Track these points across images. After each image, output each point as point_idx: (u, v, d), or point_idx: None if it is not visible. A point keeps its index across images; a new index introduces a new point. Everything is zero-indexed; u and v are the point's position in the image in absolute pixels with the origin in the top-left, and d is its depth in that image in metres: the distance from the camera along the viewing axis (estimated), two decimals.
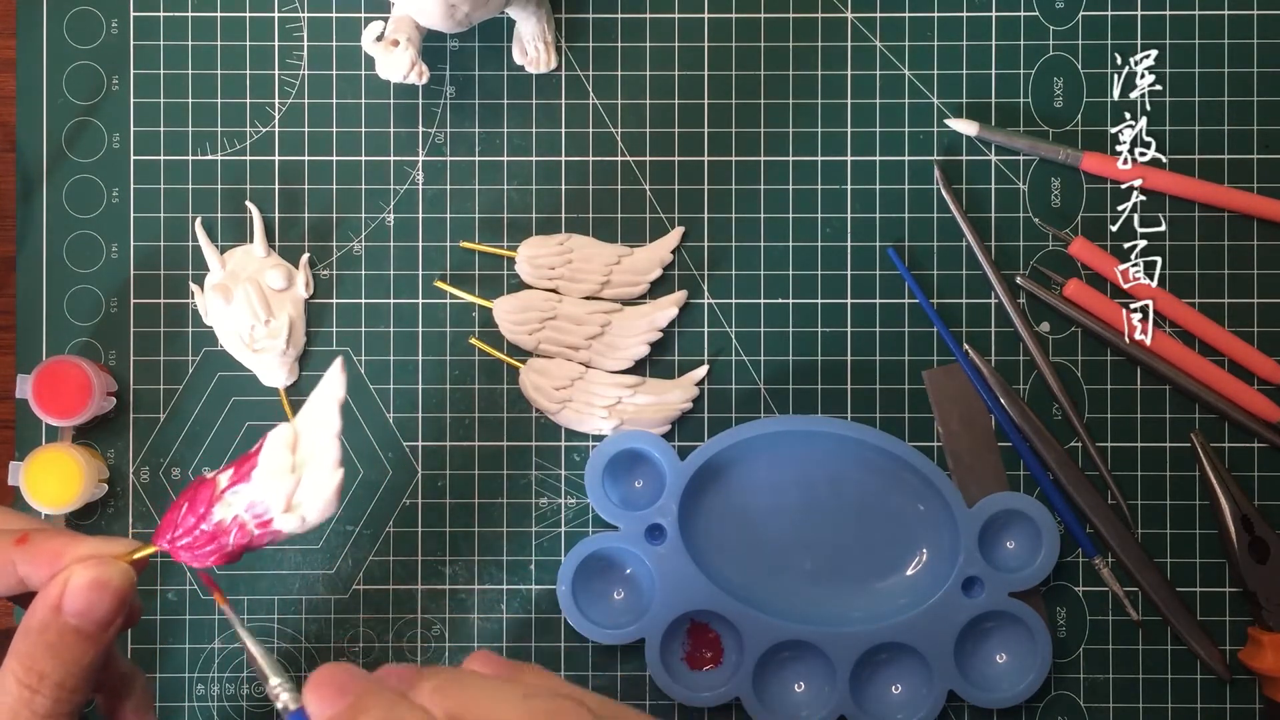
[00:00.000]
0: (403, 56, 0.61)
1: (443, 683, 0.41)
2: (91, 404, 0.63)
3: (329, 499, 0.46)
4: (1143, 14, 0.66)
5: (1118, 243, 0.65)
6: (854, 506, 0.65)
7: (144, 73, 0.66)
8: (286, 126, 0.66)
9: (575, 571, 0.64)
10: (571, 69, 0.66)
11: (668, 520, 0.63)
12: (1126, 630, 0.65)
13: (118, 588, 0.43)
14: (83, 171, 0.66)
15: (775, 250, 0.66)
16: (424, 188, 0.66)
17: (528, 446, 0.66)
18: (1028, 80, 0.66)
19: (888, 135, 0.66)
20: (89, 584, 0.42)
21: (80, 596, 0.42)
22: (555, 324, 0.65)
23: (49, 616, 0.43)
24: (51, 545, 0.43)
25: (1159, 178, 0.65)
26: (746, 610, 0.63)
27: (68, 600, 0.42)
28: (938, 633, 0.63)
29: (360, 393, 0.65)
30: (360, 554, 0.65)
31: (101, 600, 0.42)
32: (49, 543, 0.43)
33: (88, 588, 0.42)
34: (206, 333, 0.65)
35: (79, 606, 0.42)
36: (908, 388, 0.65)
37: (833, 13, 0.66)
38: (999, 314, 0.65)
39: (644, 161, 0.66)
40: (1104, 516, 0.65)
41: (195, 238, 0.65)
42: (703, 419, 0.65)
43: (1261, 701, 0.65)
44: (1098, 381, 0.65)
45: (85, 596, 0.42)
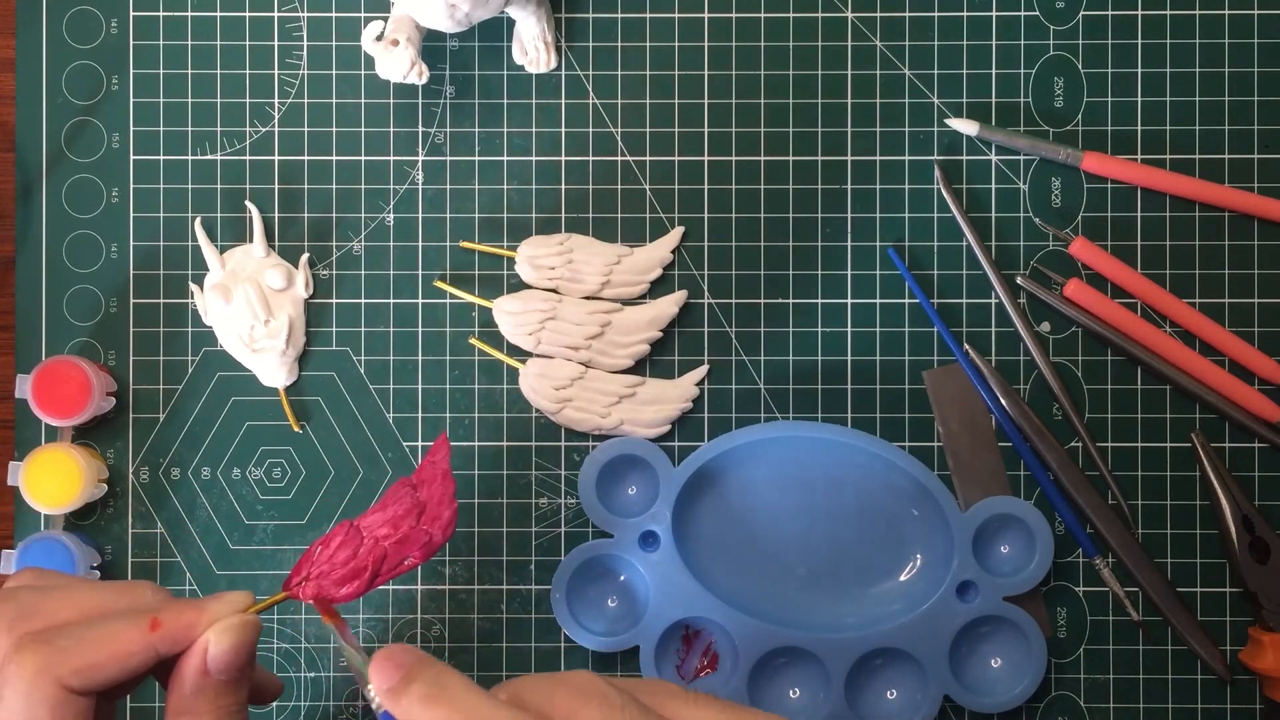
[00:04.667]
0: (403, 56, 0.61)
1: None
2: (91, 404, 0.63)
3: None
4: (1143, 14, 0.66)
5: (1118, 242, 0.65)
6: (848, 512, 0.65)
7: (143, 72, 0.66)
8: (286, 126, 0.66)
9: (570, 578, 0.64)
10: (571, 69, 0.66)
11: (661, 527, 0.63)
12: (1127, 630, 0.65)
13: (249, 643, 0.47)
14: (82, 171, 0.66)
15: (775, 250, 0.66)
16: (424, 188, 0.66)
17: (528, 446, 0.66)
18: (1028, 80, 0.66)
19: (888, 135, 0.66)
20: (230, 649, 0.46)
21: (222, 659, 0.46)
22: (555, 324, 0.65)
23: (199, 680, 0.47)
24: (184, 621, 0.46)
25: (1159, 178, 0.65)
26: (741, 617, 0.63)
27: (212, 665, 0.46)
28: (933, 637, 0.63)
29: (360, 393, 0.65)
30: None
31: (240, 655, 0.46)
32: (180, 619, 0.46)
33: (230, 651, 0.46)
34: (206, 333, 0.65)
35: (222, 665, 0.46)
36: (908, 388, 0.65)
37: (833, 13, 0.66)
38: (999, 314, 0.65)
39: (644, 161, 0.66)
40: (1104, 516, 0.65)
41: (195, 238, 0.65)
42: (703, 419, 0.65)
43: (1262, 702, 0.65)
44: (1098, 381, 0.65)
45: (226, 659, 0.46)
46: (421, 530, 0.49)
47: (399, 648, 0.45)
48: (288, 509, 0.66)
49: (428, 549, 0.49)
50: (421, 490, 0.50)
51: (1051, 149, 0.65)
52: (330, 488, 0.66)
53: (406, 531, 0.49)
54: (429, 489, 0.50)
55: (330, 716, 0.65)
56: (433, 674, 0.44)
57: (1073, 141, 0.66)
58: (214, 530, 0.65)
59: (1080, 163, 0.65)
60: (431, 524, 0.49)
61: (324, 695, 0.65)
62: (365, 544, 0.49)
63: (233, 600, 0.47)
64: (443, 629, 0.65)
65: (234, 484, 0.66)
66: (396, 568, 0.48)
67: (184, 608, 0.47)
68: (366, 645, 0.49)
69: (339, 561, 0.48)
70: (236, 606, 0.47)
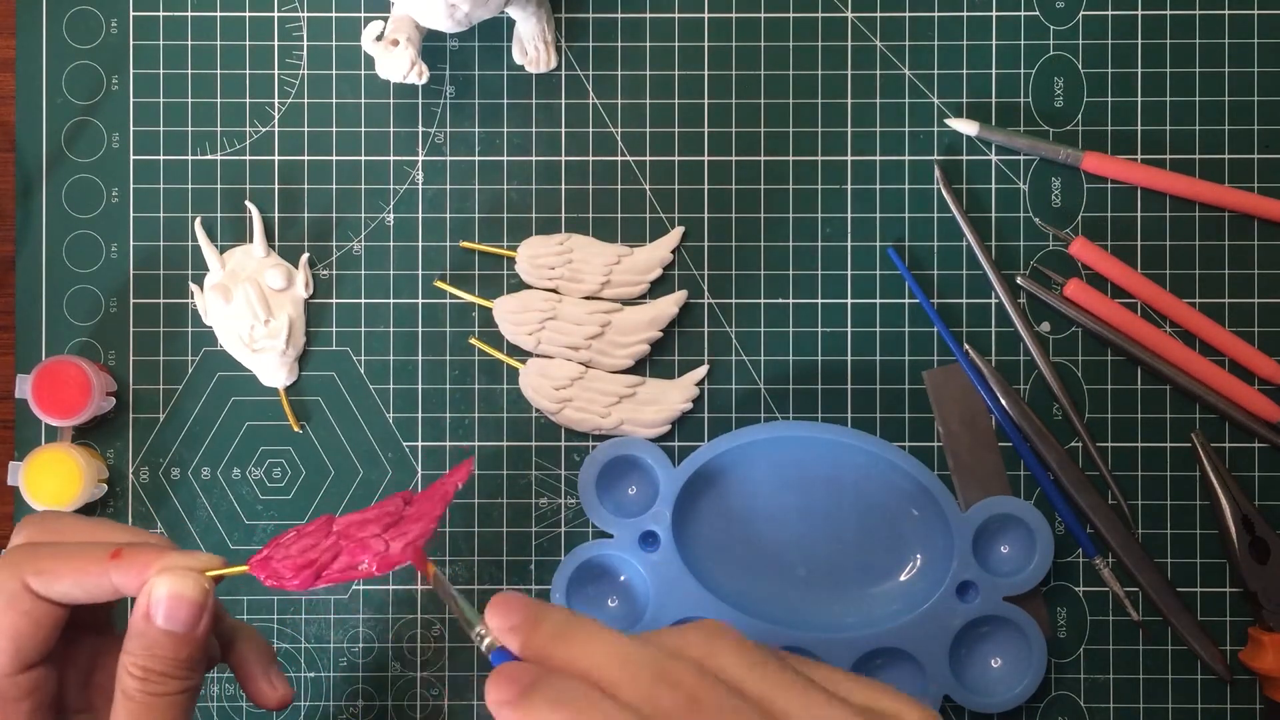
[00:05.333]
0: (402, 56, 0.61)
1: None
2: (91, 404, 0.63)
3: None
4: (1143, 14, 0.66)
5: (1118, 242, 0.65)
6: (848, 512, 0.65)
7: (143, 72, 0.66)
8: (286, 126, 0.66)
9: (570, 578, 0.64)
10: (571, 69, 0.66)
11: (661, 527, 0.63)
12: (1127, 630, 0.65)
13: (192, 599, 0.48)
14: (82, 171, 0.66)
15: (775, 250, 0.66)
16: (424, 187, 0.66)
17: (528, 446, 0.66)
18: (1028, 80, 0.66)
19: (888, 135, 0.66)
20: (167, 595, 0.48)
21: (161, 606, 0.48)
22: (555, 324, 0.65)
23: (142, 623, 0.48)
24: (141, 558, 0.48)
25: (1159, 178, 0.65)
26: (741, 616, 0.63)
27: (152, 609, 0.48)
28: (932, 638, 0.63)
29: (360, 393, 0.65)
30: None
31: (179, 608, 0.48)
32: (139, 556, 0.48)
33: (166, 598, 0.48)
34: (206, 333, 0.65)
35: (162, 614, 0.48)
36: (908, 388, 0.65)
37: (833, 12, 0.66)
38: (999, 314, 0.65)
39: (644, 161, 0.66)
40: (1104, 516, 0.65)
41: (195, 238, 0.65)
42: (703, 419, 0.65)
43: (1262, 702, 0.65)
44: (1098, 381, 0.65)
45: (165, 605, 0.48)
46: (381, 539, 0.49)
47: (509, 594, 0.45)
48: (288, 509, 0.66)
49: (384, 560, 0.48)
50: (413, 504, 0.50)
51: (1051, 149, 0.65)
52: (330, 488, 0.66)
53: (367, 538, 0.49)
54: (420, 505, 0.50)
55: (330, 716, 0.65)
56: (561, 615, 0.44)
57: (1073, 141, 0.66)
58: (214, 530, 0.65)
59: (1080, 163, 0.65)
60: (395, 537, 0.49)
61: (324, 695, 0.65)
62: (328, 540, 0.49)
63: (194, 557, 0.49)
64: (443, 629, 0.66)
65: (234, 484, 0.66)
66: (348, 570, 0.49)
67: (147, 550, 0.49)
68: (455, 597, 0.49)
69: (296, 550, 0.49)
70: (194, 564, 0.48)
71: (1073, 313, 0.65)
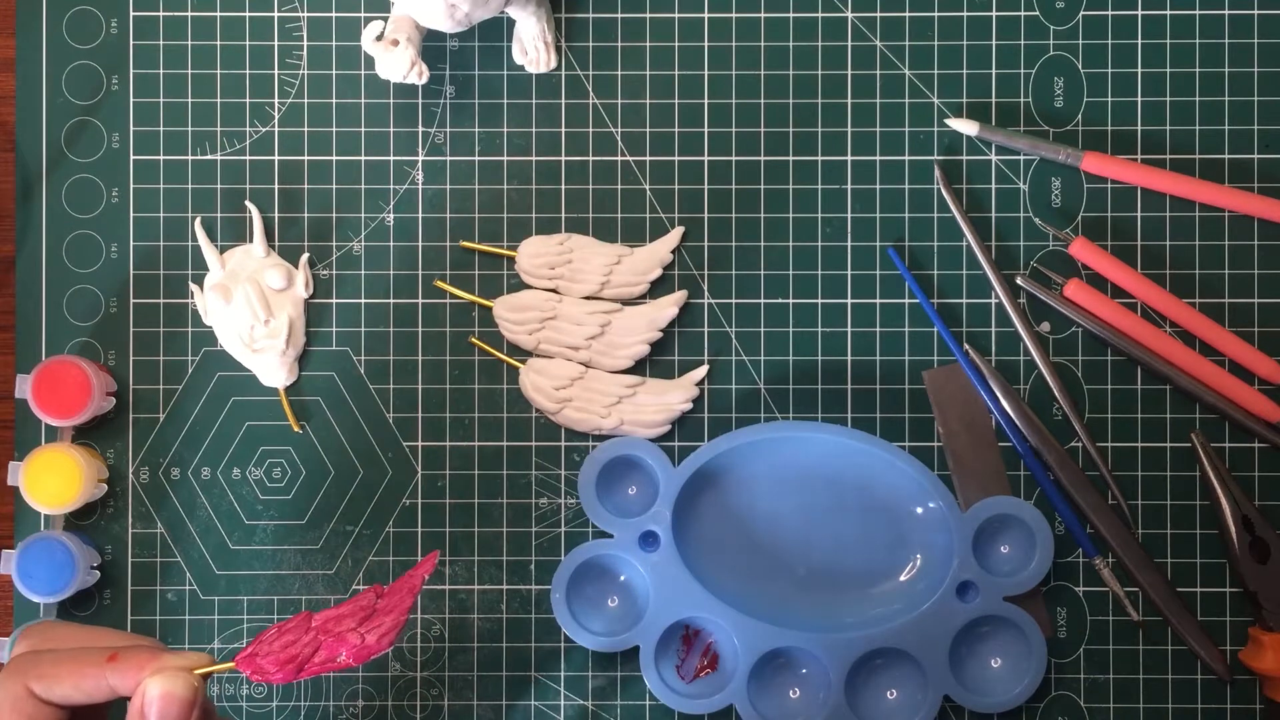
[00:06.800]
0: (402, 56, 0.61)
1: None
2: (91, 404, 0.63)
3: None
4: (1143, 14, 0.66)
5: (1118, 242, 0.65)
6: (848, 512, 0.65)
7: (143, 72, 0.66)
8: (286, 126, 0.66)
9: (570, 578, 0.64)
10: (571, 69, 0.66)
11: (661, 527, 0.63)
12: (1127, 630, 0.65)
13: (182, 697, 0.50)
14: (82, 171, 0.66)
15: (775, 250, 0.66)
16: (424, 187, 0.66)
17: (528, 446, 0.66)
18: (1028, 80, 0.66)
19: (888, 135, 0.66)
20: (160, 694, 0.50)
21: (155, 705, 0.50)
22: (555, 324, 0.65)
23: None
24: (136, 660, 0.51)
25: (1159, 178, 0.65)
26: (741, 617, 0.63)
27: (146, 708, 0.50)
28: (933, 638, 0.63)
29: (360, 393, 0.65)
30: (360, 554, 0.65)
31: (171, 706, 0.50)
32: (134, 658, 0.51)
33: (160, 698, 0.50)
34: (206, 333, 0.65)
35: (155, 712, 0.50)
36: (908, 388, 0.65)
37: (833, 13, 0.66)
38: (999, 314, 0.65)
39: (644, 161, 0.66)
40: (1104, 516, 0.65)
41: (195, 237, 0.65)
42: (703, 419, 0.65)
43: (1262, 702, 0.65)
44: (1098, 381, 0.65)
45: (159, 705, 0.50)
46: (357, 633, 0.53)
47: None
48: (288, 509, 0.66)
49: (360, 651, 0.52)
50: (384, 598, 0.54)
51: (1051, 149, 0.65)
52: (330, 488, 0.66)
53: (344, 632, 0.53)
54: (390, 599, 0.54)
55: (330, 716, 0.65)
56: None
57: (1073, 141, 0.66)
58: (214, 530, 0.65)
59: (1080, 163, 0.65)
60: (370, 630, 0.53)
61: (324, 695, 0.65)
62: (307, 636, 0.53)
63: (184, 657, 0.52)
64: (443, 629, 0.65)
65: (234, 484, 0.66)
66: (327, 662, 0.53)
67: (140, 652, 0.51)
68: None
69: (279, 646, 0.53)
70: (185, 663, 0.51)
71: (1073, 313, 0.65)
